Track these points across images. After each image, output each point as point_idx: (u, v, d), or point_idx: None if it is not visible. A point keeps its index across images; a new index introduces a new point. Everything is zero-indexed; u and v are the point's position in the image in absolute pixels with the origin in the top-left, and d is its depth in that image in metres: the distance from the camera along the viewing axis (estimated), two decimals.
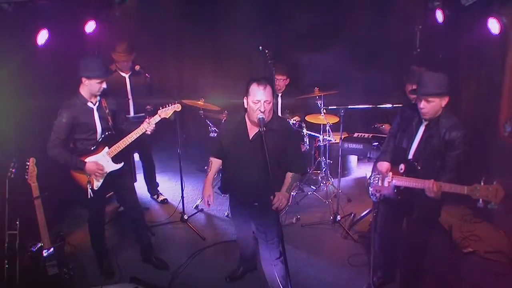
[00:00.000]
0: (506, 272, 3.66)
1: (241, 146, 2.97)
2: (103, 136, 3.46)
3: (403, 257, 3.36)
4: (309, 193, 5.19)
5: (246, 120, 2.97)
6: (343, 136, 4.66)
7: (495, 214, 4.31)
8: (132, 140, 3.47)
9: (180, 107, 3.60)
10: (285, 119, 3.98)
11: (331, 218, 4.54)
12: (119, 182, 3.62)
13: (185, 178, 4.65)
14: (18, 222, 3.22)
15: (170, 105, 3.57)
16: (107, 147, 3.46)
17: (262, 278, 3.31)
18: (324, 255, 4.02)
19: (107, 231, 3.95)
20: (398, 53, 5.55)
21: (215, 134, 4.78)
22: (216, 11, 6.05)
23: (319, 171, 5.43)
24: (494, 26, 3.84)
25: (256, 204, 3.01)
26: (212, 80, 6.35)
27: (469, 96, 4.70)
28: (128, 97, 4.60)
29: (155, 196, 5.14)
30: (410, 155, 3.06)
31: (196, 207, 4.92)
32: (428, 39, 5.26)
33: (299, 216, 4.60)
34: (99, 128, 3.43)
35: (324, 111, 4.77)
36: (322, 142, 5.09)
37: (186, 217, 4.57)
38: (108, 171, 3.47)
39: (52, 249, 3.29)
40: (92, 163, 3.38)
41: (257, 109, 2.78)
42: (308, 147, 5.13)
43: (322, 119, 4.88)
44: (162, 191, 5.20)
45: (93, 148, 3.43)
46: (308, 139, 5.04)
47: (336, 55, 5.80)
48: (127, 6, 5.16)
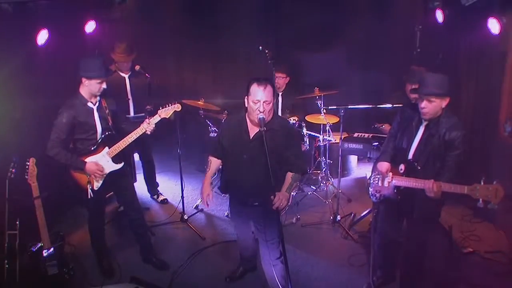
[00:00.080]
0: (506, 272, 3.66)
1: (241, 145, 2.96)
2: (103, 136, 3.46)
3: (403, 257, 3.36)
4: (309, 193, 5.19)
5: (246, 119, 2.96)
6: (343, 136, 4.66)
7: (495, 214, 4.31)
8: (132, 140, 3.47)
9: (180, 107, 3.60)
10: (285, 119, 3.98)
11: (331, 218, 4.54)
12: (119, 182, 3.62)
13: (185, 178, 4.65)
14: (18, 222, 3.22)
15: (170, 105, 3.56)
16: (107, 147, 3.46)
17: (262, 278, 3.32)
18: (324, 255, 4.02)
19: (107, 231, 3.95)
20: (398, 53, 5.56)
21: (215, 134, 4.78)
22: (216, 11, 6.06)
23: (319, 171, 5.42)
24: (494, 26, 3.84)
25: (256, 204, 3.01)
26: (212, 80, 6.36)
27: (469, 96, 4.70)
28: (128, 97, 4.59)
29: (155, 196, 5.13)
30: (410, 155, 3.06)
31: (196, 207, 4.92)
32: (428, 39, 5.26)
33: (299, 216, 4.60)
34: (99, 128, 3.43)
35: (324, 111, 4.77)
36: (322, 142, 5.09)
37: (186, 217, 4.57)
38: (108, 171, 3.47)
39: (52, 249, 3.29)
40: (92, 163, 3.38)
41: (256, 109, 2.78)
42: (308, 147, 5.13)
43: (322, 119, 4.88)
44: (162, 191, 5.19)
45: (93, 148, 3.43)
46: (308, 139, 5.04)
47: (336, 55, 5.82)
48: (127, 6, 5.15)
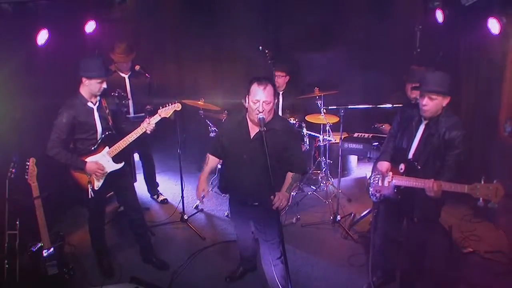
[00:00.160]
0: (506, 272, 3.66)
1: (242, 145, 2.96)
2: (103, 136, 3.46)
3: (403, 257, 3.37)
4: (309, 193, 5.18)
5: (247, 119, 2.96)
6: (343, 136, 4.66)
7: (495, 214, 4.31)
8: (133, 139, 3.47)
9: (180, 107, 3.60)
10: (286, 119, 3.97)
11: (331, 218, 4.54)
12: (119, 182, 3.62)
13: (185, 178, 4.65)
14: (18, 222, 3.22)
15: (170, 104, 3.57)
16: (107, 147, 3.46)
17: (262, 278, 3.31)
18: (324, 255, 4.02)
19: (107, 231, 3.95)
20: (398, 53, 5.55)
21: (215, 134, 4.77)
22: (216, 11, 6.05)
23: (319, 171, 5.42)
24: (494, 26, 3.83)
25: (256, 204, 3.01)
26: (212, 80, 6.35)
27: (469, 96, 4.70)
28: (128, 97, 4.59)
29: (155, 196, 5.13)
30: (410, 155, 3.06)
31: (196, 207, 4.92)
32: (428, 39, 5.26)
33: (299, 216, 4.60)
34: (99, 128, 3.43)
35: (324, 111, 4.77)
36: (322, 142, 5.09)
37: (186, 217, 4.57)
38: (108, 171, 3.47)
39: (52, 249, 3.29)
40: (92, 163, 3.38)
41: (255, 108, 2.77)
42: (308, 147, 5.13)
43: (322, 119, 4.88)
44: (162, 191, 5.19)
45: (93, 148, 3.43)
46: (308, 139, 5.03)
47: (336, 55, 5.81)
48: (127, 6, 5.16)
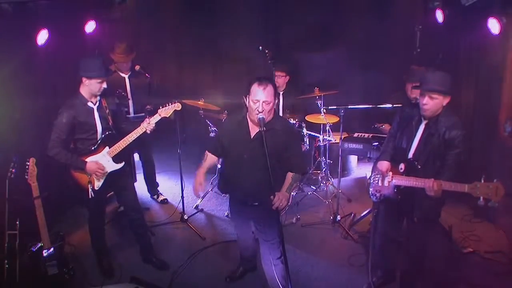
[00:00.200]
0: (506, 272, 3.66)
1: (242, 145, 2.95)
2: (103, 136, 3.46)
3: (403, 257, 3.36)
4: (309, 193, 5.18)
5: (247, 119, 2.96)
6: (343, 136, 4.66)
7: (495, 214, 4.31)
8: (133, 139, 3.47)
9: (180, 106, 3.60)
10: (286, 119, 3.97)
11: (331, 218, 4.54)
12: (119, 182, 3.62)
13: (185, 178, 4.64)
14: (18, 222, 3.22)
15: (170, 104, 3.57)
16: (107, 147, 3.46)
17: (262, 278, 3.31)
18: (324, 255, 4.02)
19: (107, 231, 3.95)
20: (398, 53, 5.55)
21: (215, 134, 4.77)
22: (216, 11, 6.05)
23: (319, 171, 5.42)
24: (494, 26, 3.83)
25: (256, 204, 3.00)
26: (212, 80, 6.36)
27: (469, 96, 4.70)
28: (128, 97, 4.59)
29: (155, 196, 5.13)
30: (410, 154, 3.06)
31: (196, 207, 4.91)
32: (428, 39, 5.26)
33: (299, 216, 4.60)
34: (99, 128, 3.43)
35: (324, 111, 4.77)
36: (322, 142, 5.09)
37: (186, 217, 4.57)
38: (108, 170, 3.47)
39: (52, 249, 3.29)
40: (92, 162, 3.38)
41: (255, 108, 2.77)
42: (308, 147, 5.13)
43: (322, 119, 4.88)
44: (162, 191, 5.19)
45: (93, 148, 3.43)
46: (308, 139, 5.03)
47: (336, 55, 5.81)
48: (127, 6, 5.16)
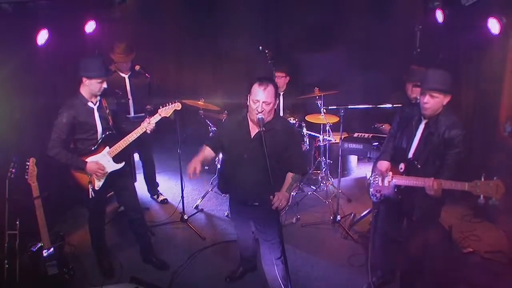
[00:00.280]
0: (506, 272, 3.66)
1: (242, 145, 2.95)
2: (103, 136, 3.46)
3: (403, 257, 3.36)
4: (309, 193, 5.18)
5: (248, 119, 2.95)
6: (343, 136, 4.66)
7: (495, 214, 4.31)
8: (133, 139, 3.47)
9: (180, 106, 3.60)
10: (286, 119, 3.97)
11: (331, 218, 4.54)
12: (119, 182, 3.62)
13: (185, 178, 4.62)
14: (18, 222, 3.22)
15: (170, 104, 3.57)
16: (107, 147, 3.46)
17: (262, 278, 3.31)
18: (324, 255, 4.02)
19: (107, 231, 3.95)
20: (398, 53, 5.55)
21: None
22: (216, 11, 6.05)
23: (319, 171, 5.42)
24: (494, 26, 3.84)
25: (256, 204, 3.00)
26: (212, 80, 6.36)
27: (469, 96, 4.70)
28: (128, 97, 4.59)
29: (155, 196, 5.13)
30: (410, 154, 3.06)
31: (196, 207, 4.91)
32: (428, 39, 5.26)
33: (299, 216, 4.60)
34: (99, 128, 3.43)
35: (324, 111, 4.77)
36: (322, 142, 5.09)
37: (186, 217, 4.57)
38: (109, 170, 3.47)
39: (52, 249, 3.29)
40: (93, 162, 3.38)
41: (255, 108, 2.77)
42: (308, 147, 5.13)
43: (322, 119, 4.88)
44: (162, 191, 5.19)
45: (93, 148, 3.43)
46: (308, 139, 5.04)
47: (336, 55, 5.82)
48: (127, 6, 5.16)
